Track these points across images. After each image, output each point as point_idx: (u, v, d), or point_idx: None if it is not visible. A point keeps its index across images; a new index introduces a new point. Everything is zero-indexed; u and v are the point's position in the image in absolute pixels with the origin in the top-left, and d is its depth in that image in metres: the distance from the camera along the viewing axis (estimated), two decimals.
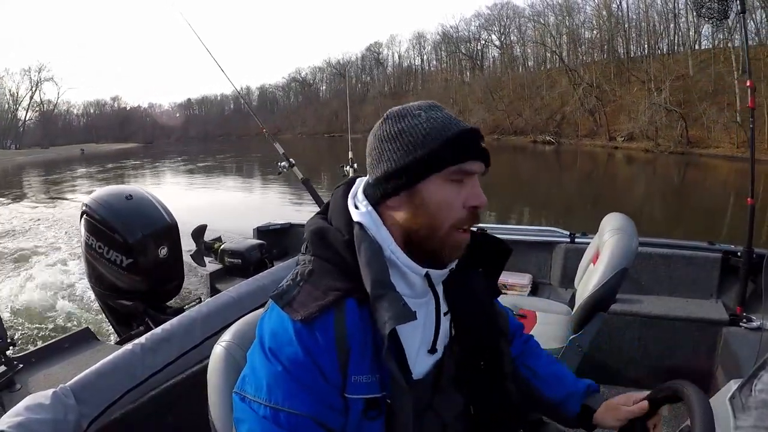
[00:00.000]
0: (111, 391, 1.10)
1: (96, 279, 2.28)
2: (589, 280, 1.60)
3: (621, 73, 33.14)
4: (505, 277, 2.58)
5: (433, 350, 0.72)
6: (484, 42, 47.14)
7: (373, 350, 0.65)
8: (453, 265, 0.73)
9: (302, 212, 8.16)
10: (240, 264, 2.91)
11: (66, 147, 49.28)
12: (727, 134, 23.58)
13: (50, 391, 1.01)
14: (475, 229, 0.74)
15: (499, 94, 40.52)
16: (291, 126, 62.74)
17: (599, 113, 30.74)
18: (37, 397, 1.00)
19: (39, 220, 8.79)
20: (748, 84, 2.17)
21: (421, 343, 0.71)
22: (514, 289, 2.55)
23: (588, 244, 1.90)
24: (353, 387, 0.64)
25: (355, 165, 2.77)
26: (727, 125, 23.53)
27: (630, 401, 0.78)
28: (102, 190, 2.29)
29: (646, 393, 0.77)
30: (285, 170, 2.82)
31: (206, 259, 3.18)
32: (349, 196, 0.73)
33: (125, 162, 27.31)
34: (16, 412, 0.94)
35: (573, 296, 1.90)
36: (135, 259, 2.14)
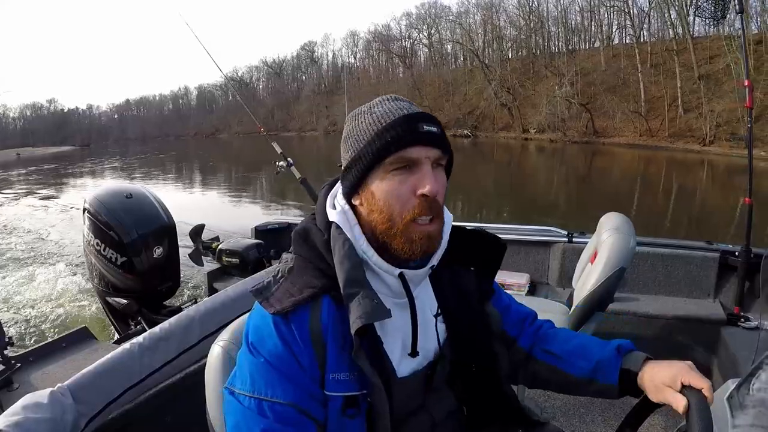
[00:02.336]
0: (109, 391, 1.10)
1: (95, 275, 2.29)
2: (587, 279, 1.60)
3: (537, 68, 34.48)
4: (503, 277, 2.58)
5: (414, 354, 0.69)
6: (413, 41, 47.73)
7: (351, 348, 0.64)
8: (434, 263, 0.70)
9: (301, 213, 8.16)
10: (238, 263, 2.90)
11: (2, 151, 48.95)
12: (631, 124, 24.97)
13: (48, 391, 1.01)
14: (473, 227, 0.73)
15: (425, 91, 41.32)
16: (228, 125, 61.20)
17: (512, 107, 32.06)
18: (35, 396, 0.99)
19: (35, 220, 8.76)
20: (746, 84, 2.17)
21: (403, 345, 0.69)
22: (511, 288, 2.54)
23: (586, 243, 1.91)
24: (332, 384, 0.64)
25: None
26: (629, 116, 24.91)
27: (677, 382, 0.65)
28: (104, 188, 2.30)
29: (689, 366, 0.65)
30: (283, 170, 2.81)
31: (204, 259, 3.17)
32: (329, 195, 0.73)
33: (43, 166, 27.43)
34: (13, 412, 0.94)
35: (571, 296, 1.90)
36: (129, 258, 2.14)
